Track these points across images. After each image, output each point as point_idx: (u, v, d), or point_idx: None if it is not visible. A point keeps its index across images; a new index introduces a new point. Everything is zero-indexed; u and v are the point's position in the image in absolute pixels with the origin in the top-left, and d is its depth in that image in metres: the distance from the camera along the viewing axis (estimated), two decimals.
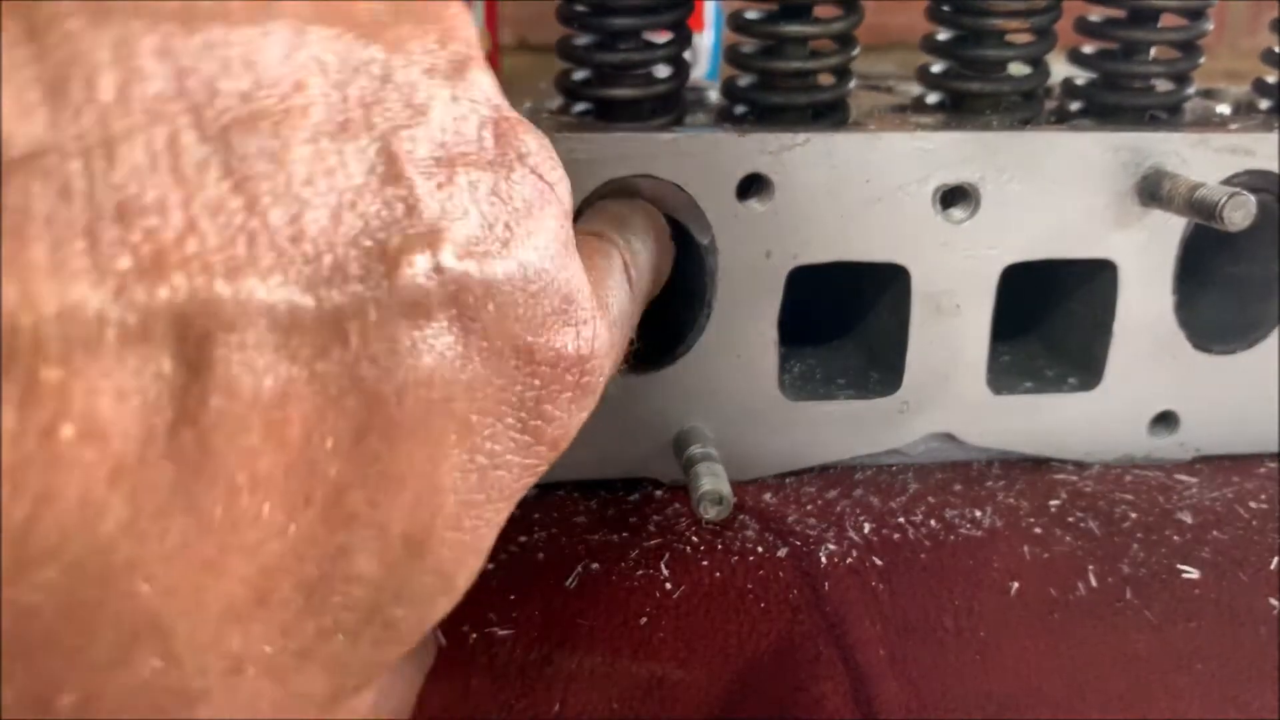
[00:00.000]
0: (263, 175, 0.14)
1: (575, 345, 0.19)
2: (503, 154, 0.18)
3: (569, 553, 0.31)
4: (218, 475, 0.14)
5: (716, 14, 0.50)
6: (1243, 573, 0.30)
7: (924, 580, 0.30)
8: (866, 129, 0.32)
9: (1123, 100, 0.35)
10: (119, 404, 0.13)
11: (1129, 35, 0.34)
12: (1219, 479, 0.35)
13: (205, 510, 0.14)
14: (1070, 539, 0.32)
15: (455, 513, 0.17)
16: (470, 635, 0.27)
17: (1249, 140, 0.33)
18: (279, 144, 0.15)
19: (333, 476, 0.15)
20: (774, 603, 0.29)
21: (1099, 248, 0.34)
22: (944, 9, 0.34)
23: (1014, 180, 0.32)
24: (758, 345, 0.33)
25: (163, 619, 0.14)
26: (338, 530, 0.15)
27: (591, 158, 0.31)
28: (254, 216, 0.14)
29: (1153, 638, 0.28)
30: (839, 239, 0.32)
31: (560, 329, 0.19)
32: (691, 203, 0.31)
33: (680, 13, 0.32)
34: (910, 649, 0.27)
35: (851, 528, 0.32)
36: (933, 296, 0.33)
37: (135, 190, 0.13)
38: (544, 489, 0.34)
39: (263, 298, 0.14)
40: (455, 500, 0.17)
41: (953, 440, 0.35)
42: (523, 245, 0.18)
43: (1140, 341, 0.35)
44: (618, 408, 0.33)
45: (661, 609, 0.28)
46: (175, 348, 0.13)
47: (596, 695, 0.26)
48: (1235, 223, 0.29)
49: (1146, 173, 0.33)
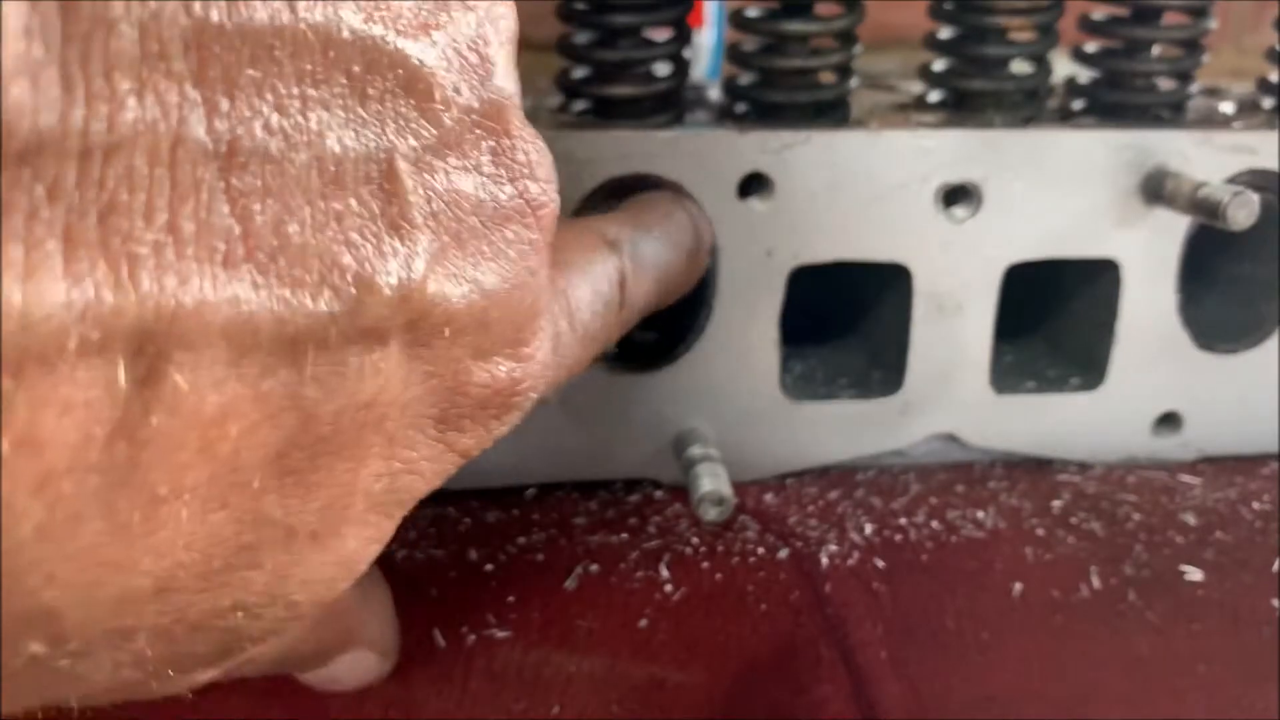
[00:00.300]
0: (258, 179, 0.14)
1: (511, 373, 0.19)
2: (497, 170, 0.18)
3: (568, 554, 0.31)
4: (142, 486, 0.13)
5: (717, 12, 0.50)
6: (1246, 574, 0.30)
7: (926, 582, 0.30)
8: (868, 127, 0.32)
9: (1126, 98, 0.34)
10: (62, 417, 0.12)
11: (1132, 33, 0.34)
12: (1222, 480, 0.35)
13: (121, 517, 0.13)
14: (1073, 540, 0.31)
15: (362, 512, 0.17)
16: (469, 637, 0.27)
17: (1253, 139, 0.33)
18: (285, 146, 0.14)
19: (253, 486, 0.15)
20: (775, 604, 0.29)
21: (1102, 247, 0.33)
22: (946, 7, 0.34)
23: (1016, 179, 0.32)
24: (759, 345, 0.33)
25: (54, 608, 0.13)
26: (247, 530, 0.15)
27: (591, 156, 0.31)
28: (239, 225, 0.14)
29: (1155, 639, 0.28)
30: (840, 238, 0.32)
31: (504, 359, 0.19)
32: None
33: (680, 10, 0.32)
34: (912, 651, 0.27)
35: (853, 529, 0.32)
36: (935, 296, 0.33)
37: (125, 196, 0.12)
38: (544, 489, 0.34)
39: (228, 316, 0.14)
40: (364, 502, 0.17)
41: (955, 441, 0.35)
42: (490, 270, 0.18)
43: (1144, 341, 0.35)
44: (618, 408, 0.33)
45: (661, 611, 0.28)
46: (129, 361, 0.13)
47: (596, 697, 0.26)
48: (1239, 222, 0.29)
49: (1150, 171, 0.32)
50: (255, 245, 0.14)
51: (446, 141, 0.17)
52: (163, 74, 0.13)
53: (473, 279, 0.17)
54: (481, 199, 0.17)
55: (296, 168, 0.14)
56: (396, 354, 0.16)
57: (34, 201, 0.12)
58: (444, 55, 0.16)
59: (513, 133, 0.18)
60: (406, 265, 0.16)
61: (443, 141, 0.17)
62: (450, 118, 0.17)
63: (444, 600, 0.28)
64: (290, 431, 0.15)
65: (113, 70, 0.12)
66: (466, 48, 0.17)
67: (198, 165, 0.13)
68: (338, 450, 0.16)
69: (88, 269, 0.12)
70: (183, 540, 0.14)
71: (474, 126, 0.17)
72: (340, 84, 0.15)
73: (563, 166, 0.30)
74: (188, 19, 0.13)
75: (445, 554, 0.31)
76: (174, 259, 0.13)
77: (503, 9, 0.18)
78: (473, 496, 0.33)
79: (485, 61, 0.17)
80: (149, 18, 0.13)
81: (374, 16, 0.15)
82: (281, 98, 0.14)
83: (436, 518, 0.32)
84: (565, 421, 0.33)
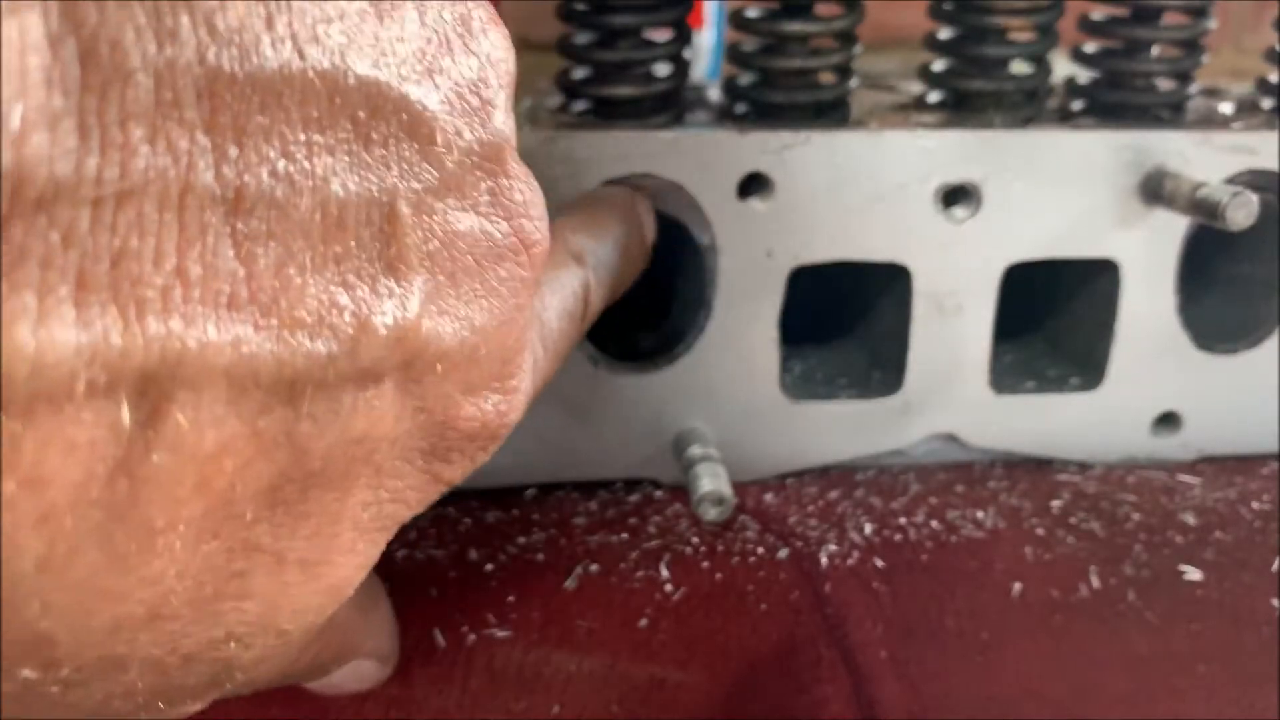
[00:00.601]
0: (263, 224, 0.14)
1: (498, 406, 0.19)
2: (493, 209, 0.18)
3: (568, 554, 0.31)
4: (140, 520, 0.14)
5: (717, 12, 0.50)
6: (1245, 574, 0.30)
7: (925, 582, 0.30)
8: (868, 128, 0.32)
9: (1125, 99, 0.34)
10: (66, 456, 0.13)
11: (1132, 33, 0.34)
12: (1222, 480, 0.35)
13: (118, 549, 0.14)
14: (1072, 540, 0.31)
15: (351, 539, 0.17)
16: (469, 637, 0.27)
17: (1252, 139, 0.33)
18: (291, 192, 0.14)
19: (246, 518, 0.15)
20: (775, 604, 0.29)
21: (1101, 247, 0.33)
22: (946, 7, 0.34)
23: (1016, 179, 0.32)
24: (759, 345, 0.33)
25: (49, 635, 0.14)
26: (237, 558, 0.15)
27: (591, 156, 0.31)
28: (243, 268, 0.14)
29: (1155, 639, 0.28)
30: (840, 238, 0.32)
31: (491, 392, 0.19)
32: (692, 202, 0.31)
33: (680, 11, 0.32)
34: (912, 650, 0.27)
35: (853, 529, 0.32)
36: (935, 296, 0.33)
37: (135, 241, 0.13)
38: (544, 489, 0.34)
39: (231, 358, 0.14)
40: (352, 530, 0.17)
41: (955, 441, 0.35)
42: (482, 308, 0.18)
43: (1143, 341, 0.35)
44: (618, 408, 0.33)
45: (661, 610, 0.28)
46: (134, 402, 0.13)
47: (596, 697, 0.26)
48: (1238, 222, 0.29)
49: (1149, 172, 0.32)
50: (258, 288, 0.14)
51: (448, 184, 0.17)
52: (175, 121, 0.13)
53: (465, 316, 0.18)
54: (478, 237, 0.18)
55: (300, 212, 0.15)
56: (390, 392, 0.17)
57: (49, 248, 0.12)
58: (446, 99, 0.17)
59: (510, 173, 0.18)
60: (401, 305, 0.16)
61: (444, 184, 0.17)
62: (452, 160, 0.17)
63: (444, 600, 0.28)
64: (283, 466, 0.15)
65: (128, 119, 0.12)
66: (468, 91, 0.17)
67: (205, 210, 0.13)
68: (327, 482, 0.16)
69: (98, 314, 0.12)
70: (175, 569, 0.14)
71: (474, 168, 0.18)
72: (345, 130, 0.15)
73: (563, 166, 0.31)
74: (201, 68, 0.13)
75: (445, 554, 0.31)
76: (180, 302, 0.13)
77: (501, 53, 0.18)
78: (473, 496, 0.33)
79: (486, 104, 0.18)
80: (164, 67, 0.13)
81: (379, 62, 0.15)
82: (288, 144, 0.14)
83: (436, 518, 0.32)
84: (565, 421, 0.33)
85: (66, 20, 0.12)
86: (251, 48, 0.14)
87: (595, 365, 0.33)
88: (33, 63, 0.12)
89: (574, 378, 0.32)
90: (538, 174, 0.31)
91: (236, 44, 0.13)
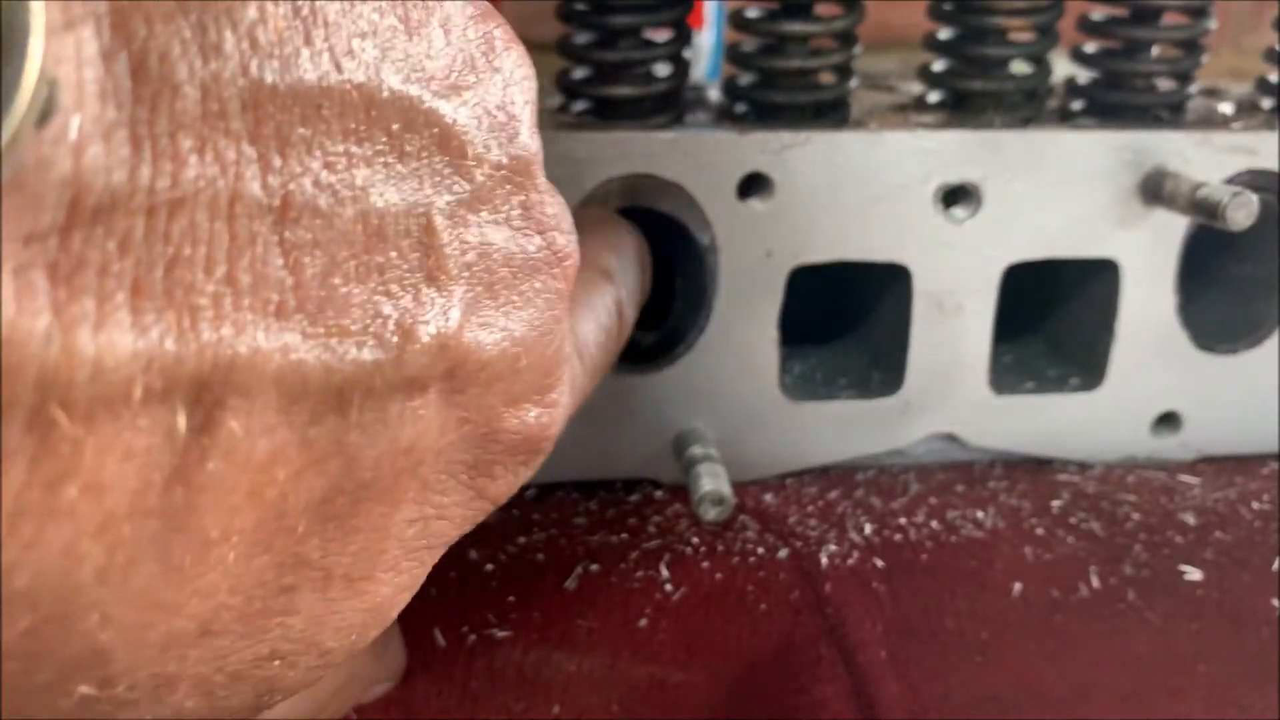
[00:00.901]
0: (309, 232, 0.14)
1: (539, 419, 0.20)
2: (526, 223, 0.18)
3: (568, 554, 0.31)
4: (195, 529, 0.14)
5: (717, 12, 0.50)
6: (1245, 574, 0.30)
7: (925, 582, 0.30)
8: (868, 128, 0.32)
9: (1125, 99, 0.34)
10: (124, 462, 0.13)
11: (1131, 34, 0.34)
12: (1222, 480, 0.35)
13: (175, 560, 0.14)
14: (1072, 540, 0.31)
15: (396, 557, 0.18)
16: (469, 636, 0.27)
17: (1252, 139, 0.33)
18: (333, 201, 0.15)
19: (298, 531, 0.15)
20: (775, 604, 0.29)
21: (1101, 247, 0.33)
22: (946, 7, 0.34)
23: (1016, 179, 0.32)
24: (758, 345, 0.33)
25: (106, 650, 0.14)
26: (287, 573, 0.16)
27: (591, 156, 0.31)
28: (291, 276, 0.14)
29: (1155, 639, 0.28)
30: (840, 238, 0.32)
31: (532, 405, 0.19)
32: (692, 202, 0.31)
33: (680, 11, 0.32)
34: (912, 651, 0.27)
35: (853, 529, 0.32)
36: (934, 296, 0.33)
37: (188, 250, 0.13)
38: (544, 489, 0.34)
39: (280, 365, 0.14)
40: (398, 547, 0.18)
41: (954, 441, 0.35)
42: (520, 319, 0.18)
43: (1143, 341, 0.35)
44: (618, 408, 0.33)
45: (662, 610, 0.28)
46: (189, 410, 0.13)
47: (596, 697, 0.26)
48: (1238, 222, 0.29)
49: (1149, 172, 0.32)
50: (305, 296, 0.14)
51: (479, 196, 0.17)
52: (222, 132, 0.13)
53: (505, 328, 0.18)
54: (512, 251, 0.18)
55: (344, 221, 0.15)
56: (435, 401, 0.17)
57: (106, 256, 0.12)
58: (474, 115, 0.17)
59: (540, 188, 0.19)
60: (444, 315, 0.16)
61: (476, 196, 0.17)
62: (482, 173, 0.17)
63: (444, 600, 0.28)
64: (334, 478, 0.16)
65: (177, 130, 0.13)
66: (495, 108, 0.18)
67: (254, 219, 0.14)
68: (377, 495, 0.17)
69: (154, 320, 0.13)
70: (229, 583, 0.15)
71: (503, 182, 0.18)
72: (381, 141, 0.15)
73: (563, 166, 0.31)
74: (244, 80, 0.13)
75: (445, 554, 0.31)
76: (231, 309, 0.13)
77: (524, 71, 0.19)
78: None
79: (512, 120, 0.18)
80: (210, 79, 0.13)
81: (411, 78, 0.16)
82: (329, 155, 0.15)
83: None
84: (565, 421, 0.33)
85: (118, 35, 0.12)
86: (292, 61, 0.14)
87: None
88: (88, 76, 0.12)
89: None
90: None
91: (277, 57, 0.14)
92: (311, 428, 0.15)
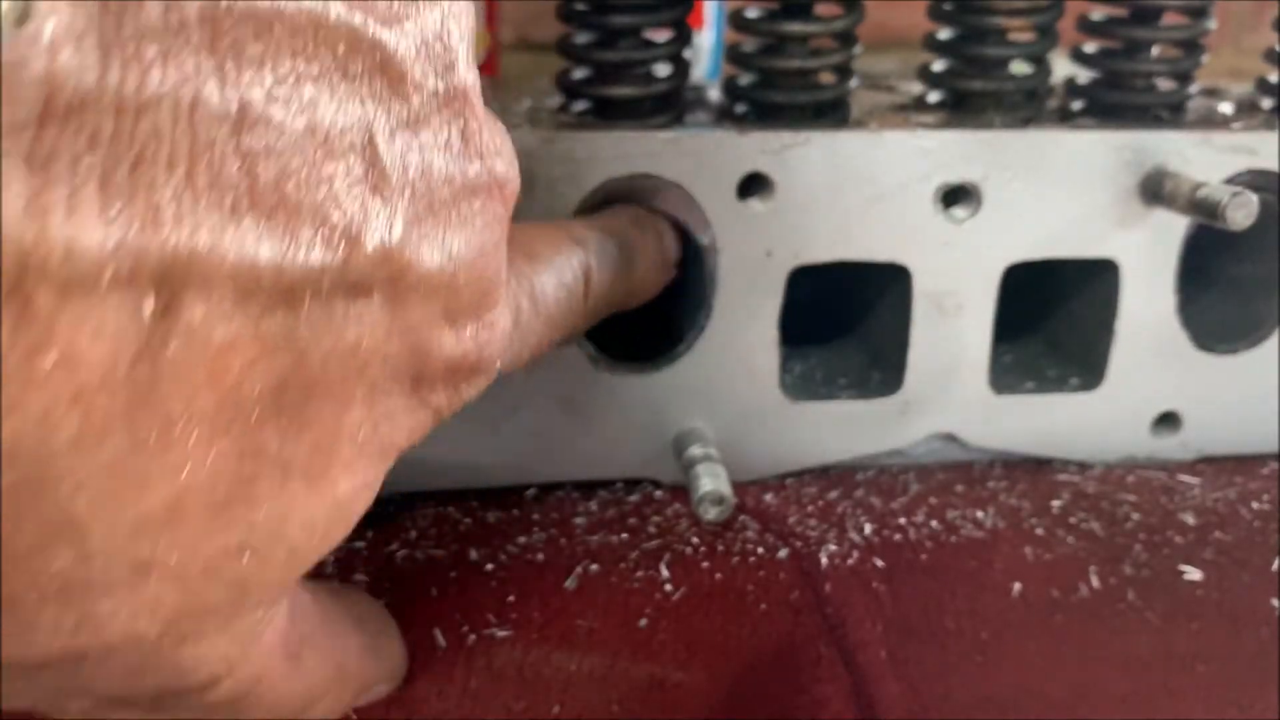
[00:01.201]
0: (262, 140, 0.16)
1: (476, 338, 0.21)
2: (465, 148, 0.20)
3: (568, 553, 0.31)
4: (159, 406, 0.15)
5: (717, 12, 0.50)
6: (1245, 574, 0.30)
7: (925, 581, 0.30)
8: (868, 128, 0.32)
9: (1125, 99, 0.34)
10: (95, 338, 0.14)
11: (1131, 34, 0.34)
12: (1221, 480, 0.35)
13: (142, 434, 0.15)
14: (1072, 540, 0.31)
15: (350, 456, 0.19)
16: (469, 636, 0.27)
17: (1252, 139, 0.33)
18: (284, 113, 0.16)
19: (252, 417, 0.17)
20: (775, 604, 0.29)
21: (1101, 247, 0.33)
22: (946, 7, 0.34)
23: (1016, 179, 0.32)
24: (758, 345, 0.33)
25: (82, 520, 0.15)
26: (247, 461, 0.17)
27: (591, 156, 0.31)
28: (246, 179, 0.15)
29: (1155, 639, 0.28)
30: (840, 238, 0.32)
31: (469, 323, 0.21)
32: (692, 202, 0.31)
33: (680, 11, 0.32)
34: (911, 650, 0.27)
35: (853, 529, 0.32)
36: (934, 296, 0.33)
37: (151, 150, 0.14)
38: (544, 489, 0.34)
39: (235, 261, 0.15)
40: (350, 447, 0.19)
41: (954, 441, 0.35)
42: (460, 237, 0.19)
43: (1143, 341, 0.35)
44: (618, 408, 0.33)
45: (661, 610, 0.28)
46: (154, 294, 0.15)
47: (596, 697, 0.26)
48: (1238, 222, 0.29)
49: (1149, 172, 0.32)
50: (259, 200, 0.16)
51: (418, 119, 0.19)
52: (183, 43, 0.15)
53: (444, 245, 0.19)
54: (451, 173, 0.19)
55: (294, 133, 0.16)
56: (378, 306, 0.18)
57: (77, 151, 0.13)
58: (413, 44, 0.18)
59: (478, 116, 0.20)
60: (388, 226, 0.18)
61: (415, 119, 0.18)
62: (419, 98, 0.18)
63: (444, 600, 0.28)
64: (285, 370, 0.17)
65: (142, 39, 0.14)
66: (433, 38, 0.19)
67: (212, 125, 0.15)
68: (326, 393, 0.18)
69: (120, 211, 0.14)
70: (191, 463, 0.16)
71: (441, 108, 0.19)
72: (328, 61, 0.17)
73: (563, 166, 0.31)
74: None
75: (445, 554, 0.31)
76: (190, 207, 0.15)
77: (462, 6, 0.20)
78: (473, 496, 0.33)
79: (449, 52, 0.19)
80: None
81: (354, 6, 0.17)
82: (281, 70, 0.16)
83: (437, 518, 0.32)
84: (565, 421, 0.33)
85: None
86: None
87: (595, 365, 0.33)
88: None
89: (574, 377, 0.32)
90: (538, 174, 0.31)
91: None
92: (264, 320, 0.16)
